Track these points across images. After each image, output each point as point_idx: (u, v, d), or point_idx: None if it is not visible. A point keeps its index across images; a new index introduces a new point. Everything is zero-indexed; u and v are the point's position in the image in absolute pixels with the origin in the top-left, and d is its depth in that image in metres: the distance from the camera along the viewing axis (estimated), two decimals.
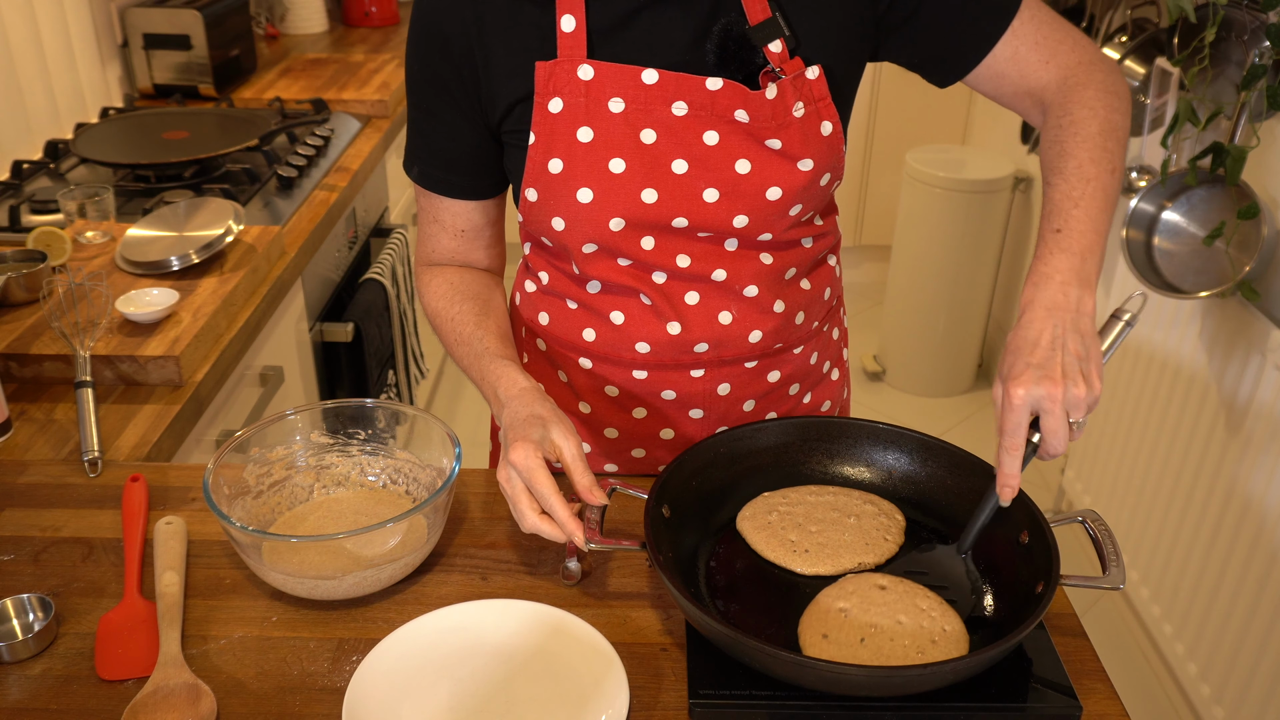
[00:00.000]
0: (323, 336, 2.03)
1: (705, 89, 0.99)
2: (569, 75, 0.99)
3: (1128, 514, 2.27)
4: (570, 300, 1.13)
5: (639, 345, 1.11)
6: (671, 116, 1.00)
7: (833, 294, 1.21)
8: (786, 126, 1.01)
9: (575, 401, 1.18)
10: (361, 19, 3.33)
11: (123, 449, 1.24)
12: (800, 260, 1.12)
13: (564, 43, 0.99)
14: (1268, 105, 1.75)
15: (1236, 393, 1.88)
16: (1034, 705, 0.84)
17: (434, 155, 1.09)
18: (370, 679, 0.86)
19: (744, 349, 1.12)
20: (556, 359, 1.17)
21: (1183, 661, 2.04)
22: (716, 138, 1.01)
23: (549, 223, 1.06)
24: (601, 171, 1.01)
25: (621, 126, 1.00)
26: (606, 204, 1.02)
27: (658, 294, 1.08)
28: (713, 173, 1.02)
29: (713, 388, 1.14)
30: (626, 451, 1.20)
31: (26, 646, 0.91)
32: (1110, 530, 0.93)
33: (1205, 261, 1.91)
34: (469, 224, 1.14)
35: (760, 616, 0.93)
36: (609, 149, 1.00)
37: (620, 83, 0.99)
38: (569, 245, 1.07)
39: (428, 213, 1.14)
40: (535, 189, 1.04)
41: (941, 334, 3.18)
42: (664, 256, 1.06)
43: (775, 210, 1.04)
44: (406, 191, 2.69)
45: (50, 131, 2.18)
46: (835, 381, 1.26)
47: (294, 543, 0.97)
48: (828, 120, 1.04)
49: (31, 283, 1.48)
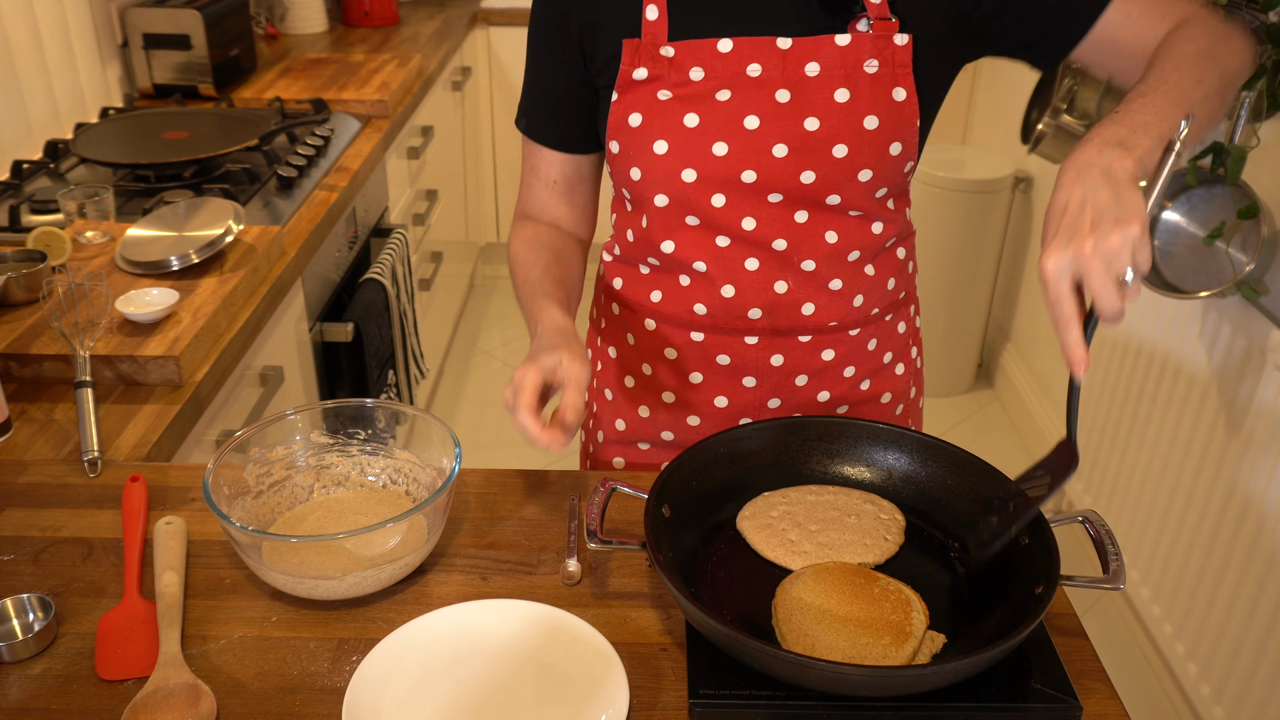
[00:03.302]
0: (323, 336, 2.03)
1: (776, 48, 1.06)
2: (652, 53, 1.08)
3: (1128, 514, 2.27)
4: (642, 266, 1.20)
5: (697, 307, 1.17)
6: (746, 78, 1.06)
7: (899, 286, 1.22)
8: (855, 79, 1.05)
9: (639, 364, 1.25)
10: (361, 19, 3.33)
11: (123, 449, 1.24)
12: (866, 244, 1.14)
13: (647, 29, 1.08)
14: (1268, 105, 1.75)
15: (1236, 393, 1.88)
16: (1034, 705, 0.84)
17: (539, 102, 1.19)
18: (370, 679, 0.86)
19: (796, 320, 1.16)
20: (626, 321, 1.25)
21: (1183, 661, 2.04)
22: (788, 96, 1.06)
23: (628, 173, 1.13)
24: (676, 126, 1.08)
25: (699, 88, 1.07)
26: (680, 156, 1.08)
27: (718, 259, 1.13)
28: (783, 129, 1.06)
29: (765, 357, 1.18)
30: (682, 419, 1.25)
31: (26, 646, 0.91)
32: (1110, 530, 0.93)
33: (1205, 261, 1.91)
34: (560, 175, 1.22)
35: (760, 616, 0.93)
36: (684, 105, 1.08)
37: (699, 55, 1.07)
38: (646, 196, 1.13)
39: (528, 161, 1.24)
40: (617, 141, 1.12)
41: (941, 334, 3.18)
42: (731, 217, 1.11)
43: (843, 171, 1.08)
44: (406, 191, 2.69)
45: (50, 131, 2.18)
46: (900, 376, 1.27)
47: (294, 543, 0.97)
48: (901, 87, 1.06)
49: (31, 283, 1.48)
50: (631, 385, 1.27)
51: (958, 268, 3.07)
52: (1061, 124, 2.48)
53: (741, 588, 0.96)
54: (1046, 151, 2.55)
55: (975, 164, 3.02)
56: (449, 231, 3.24)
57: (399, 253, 2.36)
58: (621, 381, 1.28)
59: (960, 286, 3.10)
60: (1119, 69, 1.06)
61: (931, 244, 3.06)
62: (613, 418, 1.30)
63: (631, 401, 1.28)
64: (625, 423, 1.29)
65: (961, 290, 3.11)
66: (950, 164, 3.00)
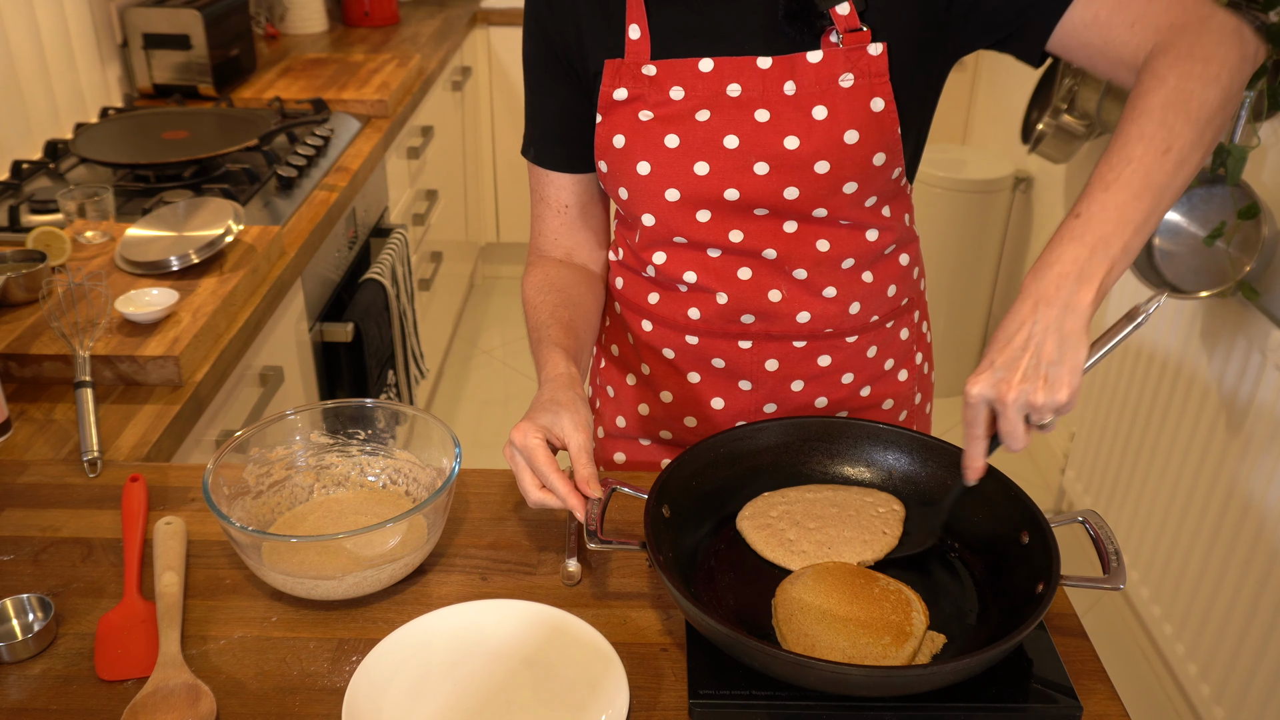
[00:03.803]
0: (323, 336, 2.03)
1: (756, 68, 1.05)
2: (634, 73, 1.08)
3: (1128, 514, 2.27)
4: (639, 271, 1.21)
5: (691, 311, 1.17)
6: (726, 98, 1.06)
7: (901, 292, 1.21)
8: (832, 95, 1.04)
9: (638, 362, 1.25)
10: (361, 19, 3.33)
11: (122, 449, 1.24)
12: (861, 251, 1.14)
13: (630, 48, 1.08)
14: (1268, 105, 1.75)
15: (1236, 393, 1.88)
16: (1034, 705, 0.84)
17: (543, 127, 1.18)
18: (370, 679, 0.86)
19: (790, 327, 1.16)
20: (627, 320, 1.25)
21: (1183, 661, 2.04)
22: (767, 115, 1.05)
23: (618, 192, 1.14)
24: (658, 147, 1.08)
25: (679, 108, 1.07)
26: (662, 176, 1.09)
27: (710, 270, 1.13)
28: (762, 147, 1.06)
29: (759, 361, 1.18)
30: (679, 419, 1.25)
31: (26, 646, 0.91)
32: (1110, 530, 0.93)
33: (1205, 261, 1.91)
34: (572, 198, 1.21)
35: (760, 617, 0.93)
36: (665, 126, 1.08)
37: (680, 75, 1.07)
38: (634, 214, 1.14)
39: (536, 192, 1.23)
40: (605, 161, 1.13)
41: (941, 334, 3.18)
42: (717, 233, 1.11)
43: (826, 185, 1.07)
44: (406, 191, 2.69)
45: (50, 131, 2.18)
46: (903, 383, 1.26)
47: (294, 543, 0.97)
48: (879, 97, 1.05)
49: (31, 283, 1.48)
50: (633, 383, 1.27)
51: (958, 268, 3.07)
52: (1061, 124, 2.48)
53: (741, 588, 0.96)
54: (1046, 151, 2.55)
55: (975, 164, 3.02)
56: (449, 231, 3.24)
57: (399, 253, 2.36)
58: (623, 378, 1.28)
59: (960, 286, 3.10)
60: (1103, 72, 1.03)
61: (931, 244, 3.05)
62: (614, 414, 1.31)
63: (633, 398, 1.28)
64: (626, 419, 1.29)
65: (961, 290, 3.11)
66: (950, 164, 3.00)
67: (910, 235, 1.20)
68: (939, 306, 3.13)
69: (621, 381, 1.29)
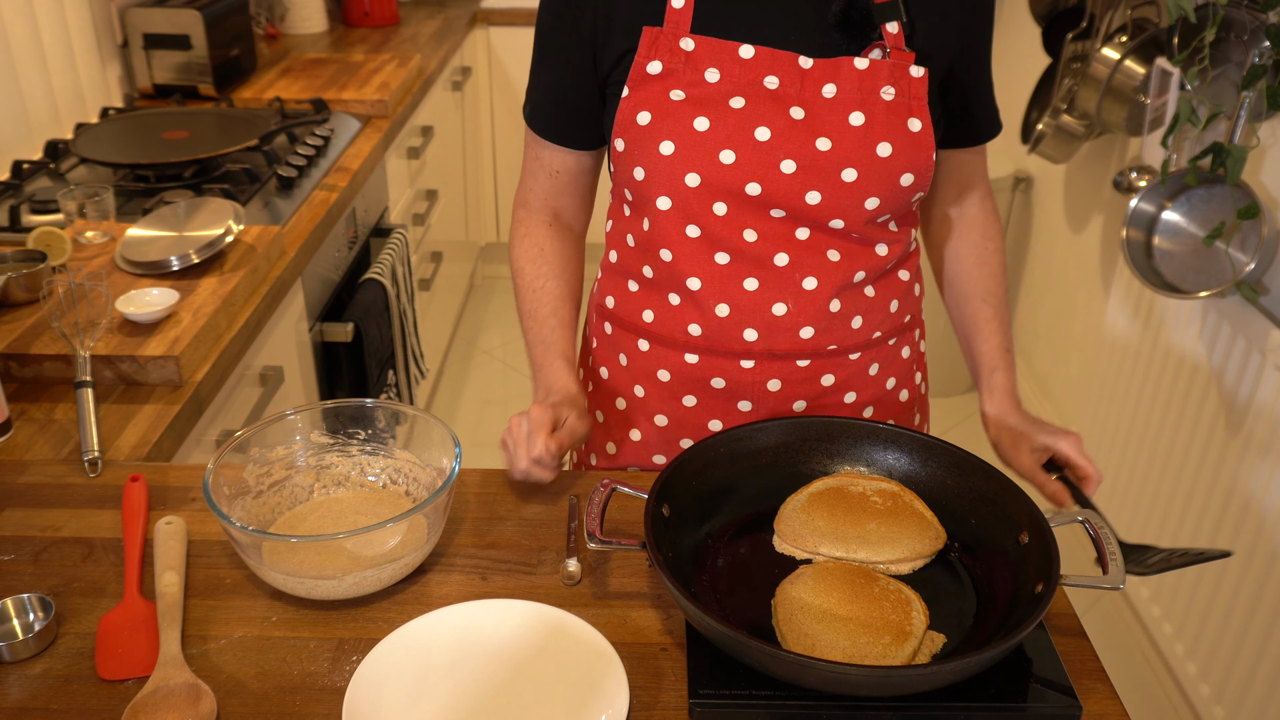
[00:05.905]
0: (323, 336, 2.03)
1: (798, 66, 1.04)
2: (671, 45, 1.06)
3: (1128, 514, 2.27)
4: (633, 281, 1.19)
5: (691, 328, 1.15)
6: (762, 89, 1.05)
7: (903, 309, 1.21)
8: (871, 105, 1.05)
9: (631, 385, 1.23)
10: (361, 19, 3.33)
11: (123, 449, 1.24)
12: (871, 266, 1.13)
13: (671, 17, 1.06)
14: (1268, 105, 1.75)
15: (1236, 393, 1.88)
16: (1034, 705, 0.84)
17: (544, 98, 1.18)
18: (370, 679, 0.86)
19: (794, 344, 1.14)
20: (619, 341, 1.23)
21: (1183, 661, 2.04)
22: (802, 113, 1.05)
23: (632, 172, 1.11)
24: (685, 127, 1.06)
25: (712, 92, 1.06)
26: (686, 158, 1.07)
27: (714, 277, 1.11)
28: (793, 145, 1.05)
29: (762, 381, 1.16)
30: (674, 441, 1.23)
31: (26, 646, 0.91)
32: (1110, 530, 0.93)
33: (1205, 261, 1.91)
34: (564, 166, 1.21)
35: (760, 616, 0.93)
36: (696, 108, 1.06)
37: (718, 56, 1.05)
38: (648, 198, 1.11)
39: (531, 149, 1.23)
40: (623, 139, 1.10)
41: (942, 334, 3.18)
42: (732, 228, 1.09)
43: (850, 196, 1.06)
44: (406, 191, 2.69)
45: (50, 131, 2.18)
46: (904, 403, 1.26)
47: (294, 543, 0.97)
48: (917, 118, 1.06)
49: (31, 283, 1.48)
50: (623, 407, 1.24)
51: None
52: (1061, 124, 2.48)
53: (741, 588, 0.96)
54: (1046, 152, 2.55)
55: None
56: (449, 231, 3.24)
57: (399, 253, 2.36)
58: (613, 404, 1.25)
59: None
60: (939, 183, 1.24)
61: None
62: (604, 441, 1.28)
63: (623, 424, 1.25)
64: (616, 446, 1.27)
65: None
66: None
67: (912, 249, 1.21)
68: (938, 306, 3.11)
69: (611, 407, 1.25)
